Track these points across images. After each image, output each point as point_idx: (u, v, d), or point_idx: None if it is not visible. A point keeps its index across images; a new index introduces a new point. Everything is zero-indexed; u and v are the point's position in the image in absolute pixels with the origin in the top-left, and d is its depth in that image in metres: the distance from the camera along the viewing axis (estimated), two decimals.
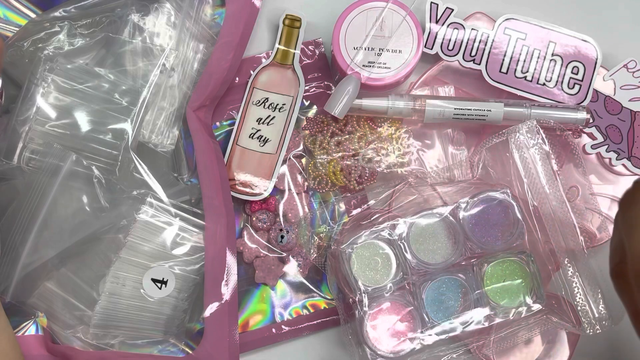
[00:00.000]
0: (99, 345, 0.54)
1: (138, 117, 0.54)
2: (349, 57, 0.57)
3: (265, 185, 0.58)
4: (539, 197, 0.53)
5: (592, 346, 0.59)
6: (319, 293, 0.59)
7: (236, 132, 0.59)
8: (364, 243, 0.54)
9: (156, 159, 0.56)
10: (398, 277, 0.54)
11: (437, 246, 0.54)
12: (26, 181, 0.53)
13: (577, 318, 0.52)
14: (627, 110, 0.60)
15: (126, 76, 0.56)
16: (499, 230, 0.54)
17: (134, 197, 0.54)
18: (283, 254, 0.59)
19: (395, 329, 0.54)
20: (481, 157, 0.57)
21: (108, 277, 0.53)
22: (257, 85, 0.59)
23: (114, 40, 0.56)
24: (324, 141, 0.59)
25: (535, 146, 0.53)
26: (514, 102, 0.58)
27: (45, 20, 0.56)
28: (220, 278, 0.54)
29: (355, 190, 0.59)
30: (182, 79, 0.57)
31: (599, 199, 0.59)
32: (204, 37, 0.58)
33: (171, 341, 0.55)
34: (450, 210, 0.54)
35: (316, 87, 0.61)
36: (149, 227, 0.54)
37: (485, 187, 0.55)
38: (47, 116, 0.53)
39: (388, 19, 0.57)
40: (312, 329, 0.59)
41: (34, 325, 0.53)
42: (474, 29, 0.59)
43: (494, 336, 0.55)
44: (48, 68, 0.54)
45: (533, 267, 0.54)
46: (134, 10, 0.56)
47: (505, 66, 0.59)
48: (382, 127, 0.59)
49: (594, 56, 0.59)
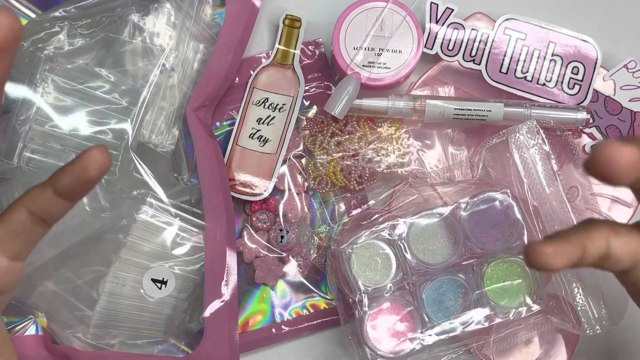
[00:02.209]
0: (98, 345, 0.54)
1: (138, 117, 0.54)
2: (349, 57, 0.57)
3: (265, 185, 0.58)
4: (539, 197, 0.53)
5: (592, 346, 0.59)
6: (319, 293, 0.59)
7: (236, 132, 0.59)
8: (364, 243, 0.54)
9: (156, 159, 0.56)
10: (398, 277, 0.54)
11: (437, 246, 0.54)
12: (26, 181, 0.53)
13: (576, 318, 0.52)
14: (627, 111, 0.60)
15: (126, 76, 0.56)
16: (499, 230, 0.54)
17: (134, 197, 0.54)
18: (283, 254, 0.59)
19: (395, 329, 0.54)
20: (481, 157, 0.57)
21: (108, 277, 0.53)
22: (257, 85, 0.59)
23: (114, 40, 0.56)
24: (324, 141, 0.59)
25: (535, 146, 0.53)
26: (514, 102, 0.58)
27: (45, 20, 0.56)
28: (220, 278, 0.54)
29: (355, 190, 0.59)
30: (182, 79, 0.57)
31: (599, 199, 0.59)
32: (204, 37, 0.58)
33: (171, 341, 0.55)
34: (450, 210, 0.54)
35: (316, 87, 0.61)
36: (149, 227, 0.54)
37: (485, 187, 0.55)
38: (47, 116, 0.53)
39: (388, 19, 0.57)
40: (312, 329, 0.59)
41: (34, 325, 0.53)
42: (474, 29, 0.59)
43: (494, 336, 0.55)
44: (48, 68, 0.54)
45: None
46: (134, 10, 0.56)
47: (505, 66, 0.59)
48: (382, 127, 0.59)
49: (594, 56, 0.59)
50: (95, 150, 0.32)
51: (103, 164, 0.32)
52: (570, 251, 0.35)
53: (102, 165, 0.32)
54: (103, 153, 0.33)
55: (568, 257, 0.35)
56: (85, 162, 0.32)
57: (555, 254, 0.34)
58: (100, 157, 0.32)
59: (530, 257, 0.34)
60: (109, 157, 0.33)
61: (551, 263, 0.34)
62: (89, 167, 0.32)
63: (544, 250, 0.34)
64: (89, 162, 0.32)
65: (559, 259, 0.34)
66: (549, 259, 0.34)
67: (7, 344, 0.40)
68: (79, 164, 0.32)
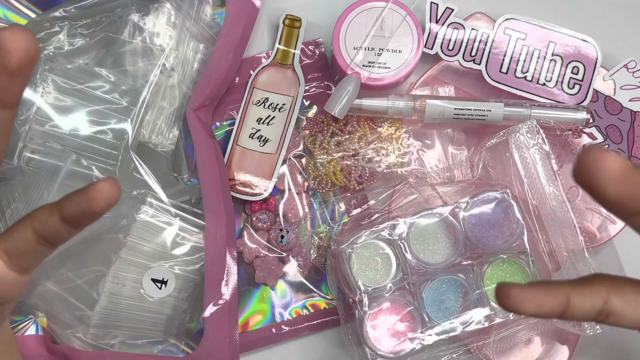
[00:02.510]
0: (98, 345, 0.54)
1: (138, 117, 0.54)
2: (349, 57, 0.57)
3: (265, 185, 0.58)
4: (539, 197, 0.53)
5: (592, 346, 0.59)
6: (319, 293, 0.59)
7: (236, 132, 0.59)
8: (364, 243, 0.54)
9: (156, 159, 0.56)
10: (398, 277, 0.54)
11: (437, 246, 0.54)
12: (26, 181, 0.53)
13: None
14: (627, 110, 0.60)
15: (126, 76, 0.55)
16: (499, 230, 0.54)
17: (134, 197, 0.54)
18: (283, 254, 0.59)
19: (395, 329, 0.54)
20: (481, 157, 0.57)
21: (108, 277, 0.53)
22: (257, 85, 0.59)
23: (114, 40, 0.56)
24: (324, 141, 0.59)
25: (535, 146, 0.53)
26: (514, 102, 0.58)
27: (45, 20, 0.56)
28: (220, 278, 0.54)
29: (355, 190, 0.59)
30: (182, 79, 0.57)
31: None
32: (204, 37, 0.58)
33: (171, 341, 0.55)
34: (450, 210, 0.54)
35: (316, 87, 0.61)
36: (149, 227, 0.54)
37: (485, 187, 0.55)
38: (47, 116, 0.53)
39: (388, 19, 0.57)
40: (312, 329, 0.59)
41: (34, 325, 0.53)
42: (474, 29, 0.59)
43: (494, 336, 0.55)
44: (48, 68, 0.54)
45: (533, 268, 0.54)
46: (134, 10, 0.56)
47: (505, 66, 0.59)
48: (382, 127, 0.59)
49: (594, 56, 0.59)
50: (103, 184, 0.31)
51: (111, 198, 0.32)
52: (540, 299, 0.33)
53: (110, 199, 0.32)
54: (112, 187, 0.32)
55: (536, 304, 0.33)
56: (93, 194, 0.31)
57: (521, 298, 0.33)
58: (108, 190, 0.31)
59: (497, 295, 0.33)
60: (117, 190, 0.32)
61: (516, 305, 0.33)
62: (96, 200, 0.31)
63: (510, 291, 0.33)
64: (97, 195, 0.31)
65: (524, 304, 0.33)
66: (513, 300, 0.33)
67: (13, 346, 0.40)
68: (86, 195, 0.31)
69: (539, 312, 0.34)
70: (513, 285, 0.33)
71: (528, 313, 0.33)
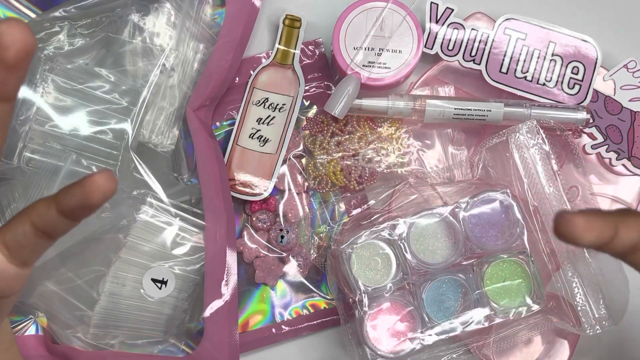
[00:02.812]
0: (98, 345, 0.54)
1: (138, 117, 0.54)
2: (349, 57, 0.57)
3: (265, 185, 0.58)
4: (539, 197, 0.53)
5: (592, 346, 0.59)
6: (319, 293, 0.59)
7: (236, 132, 0.59)
8: (364, 243, 0.54)
9: (156, 159, 0.56)
10: (398, 277, 0.54)
11: (437, 246, 0.54)
12: (26, 181, 0.53)
13: (577, 318, 0.52)
14: (627, 110, 0.60)
15: (126, 76, 0.55)
16: (499, 230, 0.54)
17: (134, 197, 0.54)
18: (283, 254, 0.59)
19: (395, 329, 0.54)
20: (481, 157, 0.57)
21: (108, 277, 0.53)
22: (257, 85, 0.59)
23: (114, 40, 0.56)
24: (324, 141, 0.59)
25: (535, 146, 0.53)
26: (514, 102, 0.58)
27: (45, 20, 0.56)
28: (220, 278, 0.54)
29: (355, 190, 0.59)
30: (182, 79, 0.57)
31: (599, 199, 0.59)
32: (204, 37, 0.58)
33: (171, 341, 0.55)
34: (450, 210, 0.54)
35: (316, 87, 0.61)
36: (149, 227, 0.54)
37: (485, 187, 0.55)
38: (47, 116, 0.53)
39: (388, 19, 0.57)
40: (312, 329, 0.59)
41: (34, 325, 0.53)
42: (474, 29, 0.59)
43: (494, 336, 0.55)
44: (48, 68, 0.54)
45: (533, 267, 0.54)
46: (134, 10, 0.56)
47: (505, 66, 0.59)
48: (382, 127, 0.59)
49: (594, 56, 0.59)
50: (99, 176, 0.31)
51: (106, 190, 0.32)
52: (602, 228, 0.32)
53: (106, 192, 0.32)
54: (108, 179, 0.32)
55: (598, 234, 0.32)
56: (89, 187, 0.31)
57: (587, 228, 0.32)
58: (104, 183, 0.31)
59: (560, 226, 0.32)
60: (113, 183, 0.32)
61: (580, 235, 0.32)
62: (92, 193, 0.31)
63: (576, 221, 0.32)
64: (92, 187, 0.31)
65: (589, 233, 0.32)
66: (579, 230, 0.32)
67: (13, 346, 0.40)
68: (82, 188, 0.32)
69: (596, 242, 0.33)
70: (576, 214, 0.32)
71: (587, 243, 0.33)
